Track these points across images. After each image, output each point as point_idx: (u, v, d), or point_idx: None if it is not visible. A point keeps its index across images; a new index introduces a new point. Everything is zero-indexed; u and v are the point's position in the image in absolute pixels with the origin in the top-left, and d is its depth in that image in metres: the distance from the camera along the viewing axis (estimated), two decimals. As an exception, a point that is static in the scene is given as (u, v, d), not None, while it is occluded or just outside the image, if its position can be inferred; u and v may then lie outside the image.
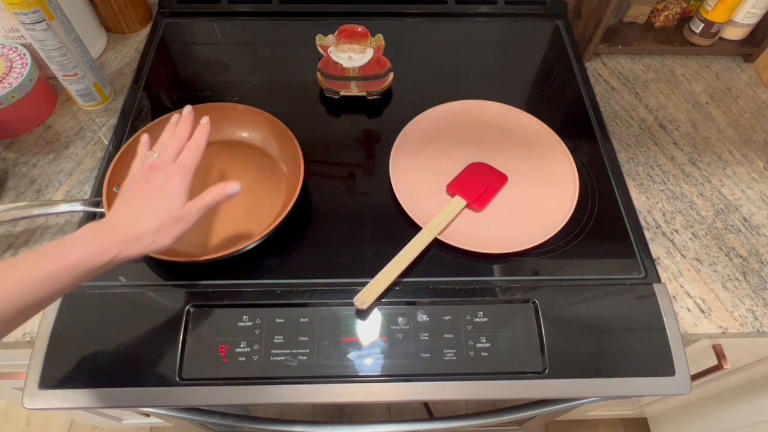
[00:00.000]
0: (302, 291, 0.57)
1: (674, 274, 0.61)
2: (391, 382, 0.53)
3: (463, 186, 0.65)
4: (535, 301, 0.56)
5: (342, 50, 0.70)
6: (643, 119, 0.77)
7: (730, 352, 0.67)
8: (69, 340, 0.53)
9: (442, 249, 0.60)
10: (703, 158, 0.72)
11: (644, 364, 0.54)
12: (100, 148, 0.70)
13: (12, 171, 0.67)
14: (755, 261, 0.62)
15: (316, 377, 0.53)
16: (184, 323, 0.54)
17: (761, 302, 0.59)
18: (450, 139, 0.71)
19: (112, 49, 0.84)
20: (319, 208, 0.65)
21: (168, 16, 0.87)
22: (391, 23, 0.88)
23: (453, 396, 0.53)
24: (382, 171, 0.66)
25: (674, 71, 0.84)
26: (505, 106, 0.73)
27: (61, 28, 0.65)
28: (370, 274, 0.56)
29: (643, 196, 0.68)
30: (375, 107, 0.76)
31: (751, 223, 0.66)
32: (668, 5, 0.82)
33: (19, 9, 0.60)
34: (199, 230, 0.61)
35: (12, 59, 0.70)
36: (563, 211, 0.62)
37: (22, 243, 0.61)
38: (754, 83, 0.82)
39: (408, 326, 0.55)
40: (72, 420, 1.27)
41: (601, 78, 0.82)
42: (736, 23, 0.81)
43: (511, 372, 0.53)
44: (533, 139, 0.70)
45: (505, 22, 0.90)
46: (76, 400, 0.51)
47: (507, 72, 0.83)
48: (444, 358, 0.53)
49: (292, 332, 0.54)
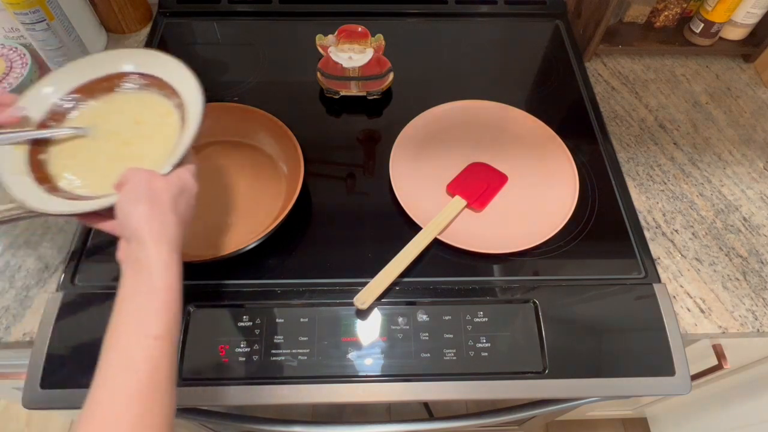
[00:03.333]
0: (302, 291, 0.57)
1: (674, 274, 0.61)
2: (391, 382, 0.53)
3: (463, 186, 0.65)
4: (535, 301, 0.56)
5: (342, 50, 0.70)
6: (643, 119, 0.77)
7: (730, 352, 0.67)
8: (69, 340, 0.53)
9: (442, 249, 0.60)
10: (703, 158, 0.72)
11: (644, 364, 0.54)
12: (100, 148, 0.70)
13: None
14: (755, 261, 0.62)
15: (316, 377, 0.53)
16: (184, 323, 0.54)
17: (761, 302, 0.59)
18: (450, 139, 0.71)
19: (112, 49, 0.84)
20: (319, 208, 0.65)
21: (168, 16, 0.87)
22: (391, 23, 0.88)
23: (453, 396, 0.53)
24: (382, 171, 0.66)
25: (674, 71, 0.84)
26: (506, 106, 0.73)
27: (61, 28, 0.65)
28: (370, 274, 0.56)
29: (643, 196, 0.68)
30: (375, 107, 0.76)
31: (751, 223, 0.66)
32: (668, 5, 0.82)
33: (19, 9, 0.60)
34: (200, 230, 0.61)
35: (12, 59, 0.70)
36: (563, 211, 0.62)
37: (22, 243, 0.61)
38: (754, 83, 0.82)
39: (408, 326, 0.55)
40: (72, 420, 1.27)
41: (601, 78, 0.82)
42: (736, 23, 0.81)
43: (511, 372, 0.53)
44: (533, 139, 0.70)
45: (505, 22, 0.90)
46: (76, 400, 0.51)
47: (507, 72, 0.83)
48: (444, 358, 0.53)
49: (292, 332, 0.54)
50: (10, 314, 0.56)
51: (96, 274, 0.58)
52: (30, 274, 0.58)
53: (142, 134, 0.50)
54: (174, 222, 0.38)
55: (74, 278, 0.57)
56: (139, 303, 0.34)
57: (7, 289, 0.57)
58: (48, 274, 0.58)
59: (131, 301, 0.35)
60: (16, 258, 0.60)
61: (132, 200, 0.38)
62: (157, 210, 0.37)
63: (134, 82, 0.52)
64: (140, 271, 0.36)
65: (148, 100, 0.52)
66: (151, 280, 0.35)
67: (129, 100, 0.52)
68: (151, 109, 0.52)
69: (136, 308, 0.34)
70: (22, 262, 0.59)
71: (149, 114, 0.51)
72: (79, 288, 0.56)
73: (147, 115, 0.51)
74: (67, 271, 0.58)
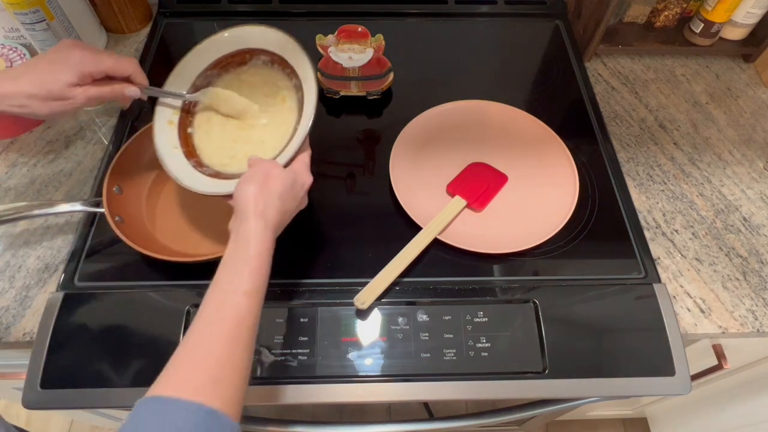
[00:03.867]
0: (302, 291, 0.57)
1: (674, 274, 0.61)
2: (391, 382, 0.53)
3: (463, 186, 0.65)
4: (535, 301, 0.56)
5: (342, 50, 0.70)
6: (643, 119, 0.77)
7: (730, 352, 0.67)
8: (69, 340, 0.53)
9: (442, 249, 0.60)
10: (703, 158, 0.72)
11: (644, 364, 0.54)
12: (100, 149, 0.70)
13: (12, 171, 0.67)
14: (755, 261, 0.62)
15: (316, 377, 0.53)
16: (184, 323, 0.54)
17: (761, 302, 0.59)
18: (450, 139, 0.71)
19: (112, 49, 0.84)
20: (319, 208, 0.65)
21: (168, 16, 0.87)
22: (391, 23, 0.88)
23: (453, 396, 0.53)
24: (382, 171, 0.66)
25: (674, 71, 0.84)
26: (505, 106, 0.73)
27: (61, 28, 0.65)
28: (370, 274, 0.56)
29: (643, 196, 0.68)
30: (375, 107, 0.76)
31: (751, 223, 0.66)
32: (668, 5, 0.82)
33: (19, 9, 0.60)
34: (200, 230, 0.61)
35: (12, 59, 0.70)
36: (563, 211, 0.62)
37: (22, 243, 0.61)
38: (754, 83, 0.82)
39: (408, 326, 0.55)
40: (72, 420, 1.27)
41: (601, 78, 0.82)
42: (736, 23, 0.81)
43: (511, 372, 0.53)
44: (533, 139, 0.70)
45: (505, 22, 0.90)
46: (76, 400, 0.51)
47: (507, 72, 0.83)
48: (444, 358, 0.53)
49: (292, 332, 0.54)
50: (10, 314, 0.56)
51: (96, 274, 0.58)
52: (30, 274, 0.58)
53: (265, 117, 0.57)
54: (277, 206, 0.44)
55: (74, 278, 0.57)
56: (234, 266, 0.40)
57: (7, 289, 0.57)
58: (48, 274, 0.58)
59: (229, 264, 0.41)
60: (16, 258, 0.60)
61: (247, 181, 0.44)
62: (265, 193, 0.44)
63: (261, 60, 0.57)
64: (239, 240, 0.42)
65: (272, 77, 0.57)
66: (247, 248, 0.41)
67: (256, 75, 0.57)
68: (274, 86, 0.57)
69: (231, 270, 0.40)
70: (22, 262, 0.59)
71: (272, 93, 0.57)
72: (79, 288, 0.56)
73: (270, 95, 0.57)
74: (67, 271, 0.58)
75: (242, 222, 0.43)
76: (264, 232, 0.42)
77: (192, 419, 0.31)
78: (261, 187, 0.44)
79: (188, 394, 0.32)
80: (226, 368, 0.35)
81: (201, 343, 0.36)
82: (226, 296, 0.39)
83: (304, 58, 0.52)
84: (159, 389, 0.33)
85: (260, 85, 0.58)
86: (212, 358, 0.35)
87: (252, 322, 0.39)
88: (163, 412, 0.31)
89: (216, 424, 0.32)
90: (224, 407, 0.33)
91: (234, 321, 0.37)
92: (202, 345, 0.36)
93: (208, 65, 0.57)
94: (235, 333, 0.37)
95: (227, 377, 0.35)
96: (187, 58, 0.57)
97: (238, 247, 0.42)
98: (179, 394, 0.32)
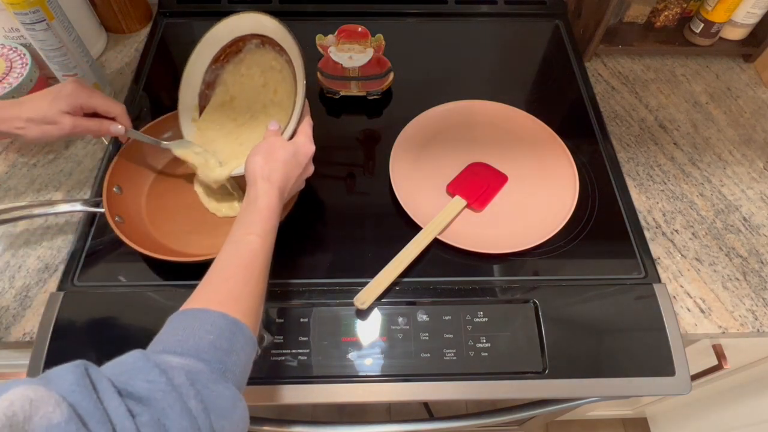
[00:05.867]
0: (302, 291, 0.57)
1: (674, 274, 0.61)
2: (391, 382, 0.53)
3: (462, 186, 0.65)
4: (535, 301, 0.56)
5: (342, 50, 0.70)
6: (643, 119, 0.77)
7: (730, 352, 0.67)
8: (69, 340, 0.53)
9: (442, 249, 0.60)
10: (703, 158, 0.72)
11: (644, 364, 0.54)
12: (99, 149, 0.70)
13: (12, 171, 0.67)
14: (755, 261, 0.62)
15: (316, 377, 0.53)
16: (184, 323, 0.54)
17: (761, 302, 0.59)
18: (450, 139, 0.71)
19: (112, 49, 0.84)
20: (319, 208, 0.65)
21: (168, 16, 0.87)
22: (391, 23, 0.88)
23: (453, 396, 0.53)
24: (382, 171, 0.66)
25: (674, 71, 0.84)
26: (505, 106, 0.73)
27: (61, 28, 0.64)
28: (370, 274, 0.56)
29: (643, 196, 0.68)
30: (375, 107, 0.76)
31: (751, 223, 0.65)
32: (668, 5, 0.82)
33: (19, 9, 0.60)
34: (200, 230, 0.61)
35: (12, 59, 0.70)
36: (563, 211, 0.62)
37: (22, 243, 0.61)
38: (754, 83, 0.82)
39: (408, 326, 0.55)
40: (72, 420, 1.27)
41: (601, 78, 0.82)
42: (736, 23, 0.81)
43: (511, 372, 0.53)
44: (533, 139, 0.70)
45: (505, 22, 0.90)
46: (76, 400, 0.51)
47: (507, 72, 0.83)
48: (444, 358, 0.53)
49: (292, 332, 0.54)
50: (10, 314, 0.56)
51: (96, 274, 0.58)
52: (30, 274, 0.58)
53: (268, 98, 0.61)
54: (281, 171, 0.50)
55: (74, 278, 0.57)
56: (246, 217, 0.47)
57: (7, 289, 0.57)
58: (48, 274, 0.58)
59: (241, 217, 0.47)
60: (16, 258, 0.60)
61: (255, 153, 0.51)
62: (270, 161, 0.50)
63: (253, 43, 0.61)
64: (249, 200, 0.49)
65: (267, 56, 0.61)
66: (257, 204, 0.48)
67: (254, 58, 0.62)
68: (270, 64, 0.61)
69: (244, 221, 0.47)
70: (22, 262, 0.59)
71: (269, 70, 0.61)
72: (79, 288, 0.56)
73: (269, 72, 0.61)
74: (67, 271, 0.58)
75: (251, 186, 0.49)
76: (270, 190, 0.49)
77: (219, 323, 0.38)
78: (266, 157, 0.51)
79: (214, 307, 0.39)
80: (245, 289, 0.42)
81: (222, 271, 0.43)
82: (241, 237, 0.45)
83: (283, 30, 0.56)
84: (189, 305, 0.40)
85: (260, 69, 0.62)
86: (231, 281, 0.42)
87: (264, 257, 0.45)
88: (195, 319, 0.38)
89: (238, 330, 0.38)
90: (244, 318, 0.39)
91: (249, 254, 0.44)
92: (222, 272, 0.43)
93: (210, 61, 0.62)
94: (251, 263, 0.44)
95: (246, 296, 0.42)
96: (192, 60, 0.62)
97: (248, 205, 0.48)
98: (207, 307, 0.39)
